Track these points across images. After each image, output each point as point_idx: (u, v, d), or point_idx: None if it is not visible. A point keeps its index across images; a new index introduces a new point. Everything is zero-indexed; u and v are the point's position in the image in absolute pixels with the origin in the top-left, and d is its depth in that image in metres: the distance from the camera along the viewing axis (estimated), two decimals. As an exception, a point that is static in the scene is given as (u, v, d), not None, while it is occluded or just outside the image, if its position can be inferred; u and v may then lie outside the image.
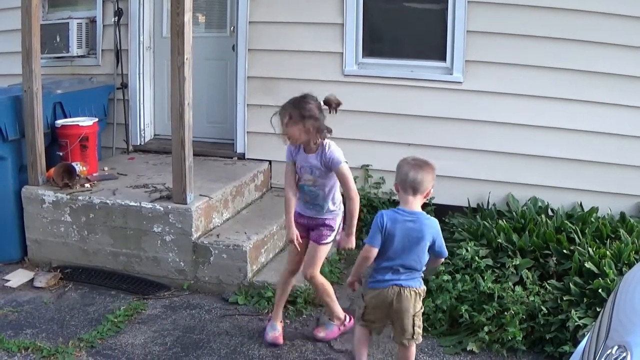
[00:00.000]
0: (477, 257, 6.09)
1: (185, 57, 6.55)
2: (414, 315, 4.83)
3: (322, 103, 5.57)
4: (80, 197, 7.20)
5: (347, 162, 5.46)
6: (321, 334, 5.94)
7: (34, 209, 7.43)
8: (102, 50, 9.43)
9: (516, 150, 7.69)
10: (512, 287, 5.75)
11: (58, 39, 9.27)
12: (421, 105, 7.92)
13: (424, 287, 4.90)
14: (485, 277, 5.79)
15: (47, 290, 6.89)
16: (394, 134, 8.01)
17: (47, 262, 7.45)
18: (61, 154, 7.81)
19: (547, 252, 6.22)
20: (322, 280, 5.81)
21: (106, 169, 8.27)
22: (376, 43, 8.25)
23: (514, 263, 5.99)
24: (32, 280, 7.11)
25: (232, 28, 8.87)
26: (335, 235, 5.68)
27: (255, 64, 8.46)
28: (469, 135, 7.80)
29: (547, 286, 5.79)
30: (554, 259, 6.09)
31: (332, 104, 5.62)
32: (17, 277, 7.18)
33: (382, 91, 8.05)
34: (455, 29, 7.66)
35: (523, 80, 7.56)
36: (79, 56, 9.44)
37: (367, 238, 4.83)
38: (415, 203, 4.77)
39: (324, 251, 5.69)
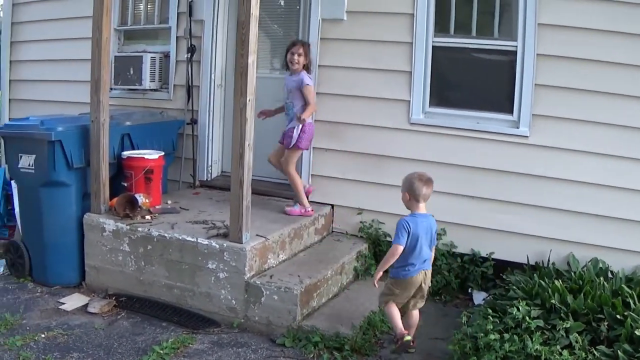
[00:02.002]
0: (528, 318, 5.96)
1: (248, 98, 6.61)
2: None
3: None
4: (139, 228, 7.31)
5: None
6: (288, 208, 8.25)
7: (94, 236, 7.58)
8: (174, 85, 9.63)
9: (580, 209, 7.49)
10: (560, 350, 5.60)
11: (132, 72, 9.46)
12: (485, 158, 7.82)
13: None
14: (534, 339, 5.64)
15: (100, 317, 6.99)
16: (457, 185, 7.93)
17: (104, 288, 7.58)
18: (125, 184, 7.95)
19: (600, 316, 6.05)
20: (294, 175, 8.21)
21: (170, 202, 8.38)
22: (443, 92, 8.19)
23: (564, 326, 5.83)
24: (86, 305, 7.23)
25: (302, 71, 8.92)
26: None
27: (322, 107, 8.48)
28: (532, 191, 7.65)
29: (596, 352, 5.63)
30: (606, 323, 5.91)
31: None
32: (73, 301, 7.32)
33: (447, 141, 7.98)
34: (524, 82, 7.55)
35: (592, 137, 7.37)
36: (151, 89, 9.63)
37: (394, 239, 6.14)
38: (424, 208, 6.23)
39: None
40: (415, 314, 6.45)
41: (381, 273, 6.24)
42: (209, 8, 9.21)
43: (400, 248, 6.06)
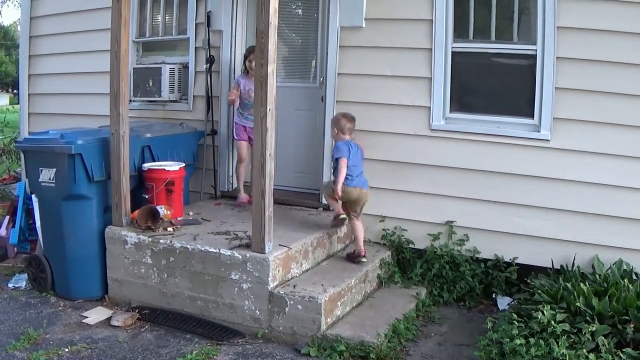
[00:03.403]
0: (553, 322, 5.91)
1: (268, 107, 6.60)
2: (363, 203, 7.90)
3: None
4: (161, 241, 7.30)
5: None
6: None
7: (116, 249, 7.58)
8: (193, 96, 9.67)
9: (604, 212, 7.44)
10: (586, 354, 5.54)
11: (151, 83, 9.48)
12: (507, 163, 7.78)
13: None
14: (560, 343, 5.60)
15: (123, 330, 6.98)
16: (479, 190, 7.90)
17: (127, 301, 7.58)
18: (147, 196, 7.96)
19: (626, 317, 5.98)
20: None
21: (191, 213, 8.37)
22: (463, 98, 8.17)
23: (590, 329, 5.77)
24: (109, 318, 7.23)
25: (321, 79, 8.93)
26: None
27: (343, 115, 8.49)
28: (555, 195, 7.61)
29: (622, 355, 5.57)
30: (632, 325, 5.85)
31: None
32: (96, 315, 7.32)
33: (468, 147, 7.95)
34: (544, 85, 7.51)
35: (613, 139, 7.33)
36: (170, 101, 9.66)
37: (338, 155, 7.63)
38: (350, 138, 7.86)
39: None
40: (358, 224, 7.92)
41: (341, 184, 7.60)
42: (227, 18, 9.25)
43: (346, 160, 7.60)
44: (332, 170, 8.05)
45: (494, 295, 7.85)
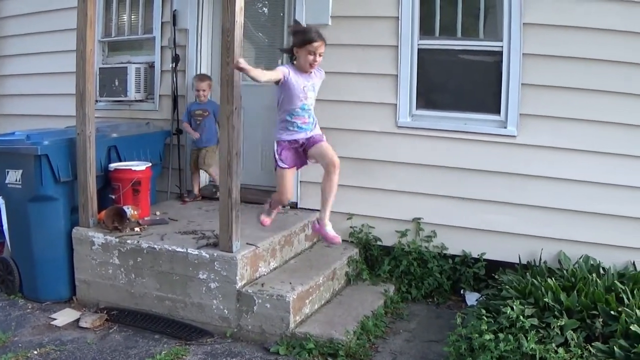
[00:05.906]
0: (522, 317, 5.94)
1: (234, 106, 6.59)
2: None
3: None
4: (129, 241, 7.27)
5: None
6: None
7: (83, 250, 7.54)
8: (159, 95, 9.61)
9: (569, 207, 7.48)
10: (555, 348, 5.57)
11: (117, 83, 9.44)
12: (474, 159, 7.80)
13: None
14: (529, 338, 5.63)
15: (92, 331, 6.94)
16: (446, 187, 7.92)
17: (95, 302, 7.54)
18: (113, 197, 7.92)
19: (594, 312, 6.02)
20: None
21: (158, 213, 8.34)
22: (430, 95, 8.19)
23: (559, 324, 5.81)
24: (78, 320, 7.18)
25: (287, 78, 8.88)
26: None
27: (309, 113, 8.47)
28: (521, 190, 7.64)
29: (591, 349, 5.62)
30: (601, 320, 5.89)
31: None
32: (64, 316, 7.28)
33: (435, 144, 7.96)
34: (510, 82, 7.54)
35: (579, 135, 7.37)
36: (136, 100, 9.61)
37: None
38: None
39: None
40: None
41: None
42: (192, 17, 9.21)
43: None
44: None
45: (462, 291, 7.88)
